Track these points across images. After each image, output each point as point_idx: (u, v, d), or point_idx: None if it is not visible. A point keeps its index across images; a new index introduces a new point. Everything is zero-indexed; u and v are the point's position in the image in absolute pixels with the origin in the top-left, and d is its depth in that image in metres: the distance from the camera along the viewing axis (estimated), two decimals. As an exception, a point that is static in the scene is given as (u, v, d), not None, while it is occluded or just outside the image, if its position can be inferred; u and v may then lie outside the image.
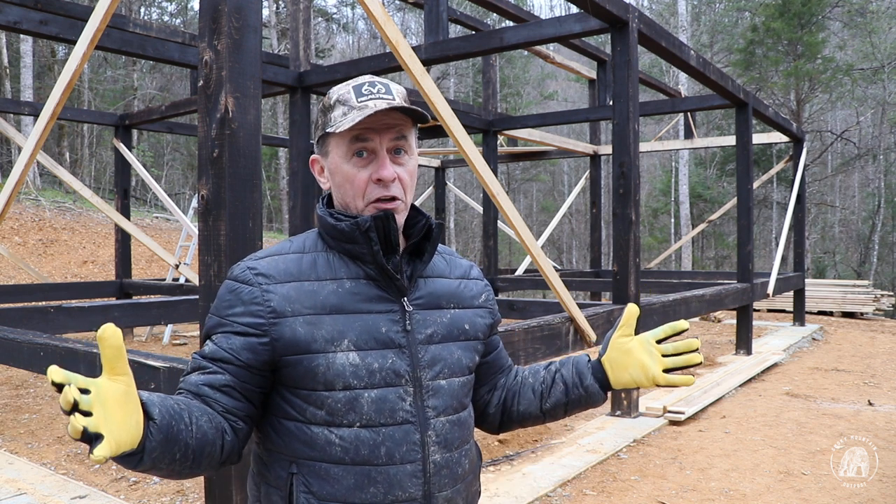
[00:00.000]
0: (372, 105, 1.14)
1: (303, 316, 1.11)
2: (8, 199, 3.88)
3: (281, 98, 22.27)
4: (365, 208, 1.17)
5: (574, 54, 17.22)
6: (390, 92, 1.17)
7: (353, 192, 1.17)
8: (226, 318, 1.13)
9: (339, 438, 1.10)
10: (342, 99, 1.17)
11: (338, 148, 1.18)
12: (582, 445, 4.47)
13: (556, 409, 1.34)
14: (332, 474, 1.10)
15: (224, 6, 2.40)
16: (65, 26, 5.58)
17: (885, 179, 24.48)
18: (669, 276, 12.52)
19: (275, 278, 1.13)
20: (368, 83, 1.18)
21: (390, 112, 1.15)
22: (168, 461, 0.96)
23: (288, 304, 1.11)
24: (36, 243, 13.59)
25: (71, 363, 3.29)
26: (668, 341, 1.26)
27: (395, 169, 1.17)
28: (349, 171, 1.17)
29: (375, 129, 1.15)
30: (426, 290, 1.22)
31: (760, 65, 22.01)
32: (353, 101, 1.15)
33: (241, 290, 1.13)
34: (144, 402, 0.92)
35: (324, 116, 1.19)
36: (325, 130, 1.19)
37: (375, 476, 1.10)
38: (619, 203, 5.11)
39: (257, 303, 1.11)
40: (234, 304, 1.13)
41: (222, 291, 1.16)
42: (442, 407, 1.17)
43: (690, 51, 5.98)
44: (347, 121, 1.13)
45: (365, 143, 1.16)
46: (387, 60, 6.11)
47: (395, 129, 1.17)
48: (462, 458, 1.20)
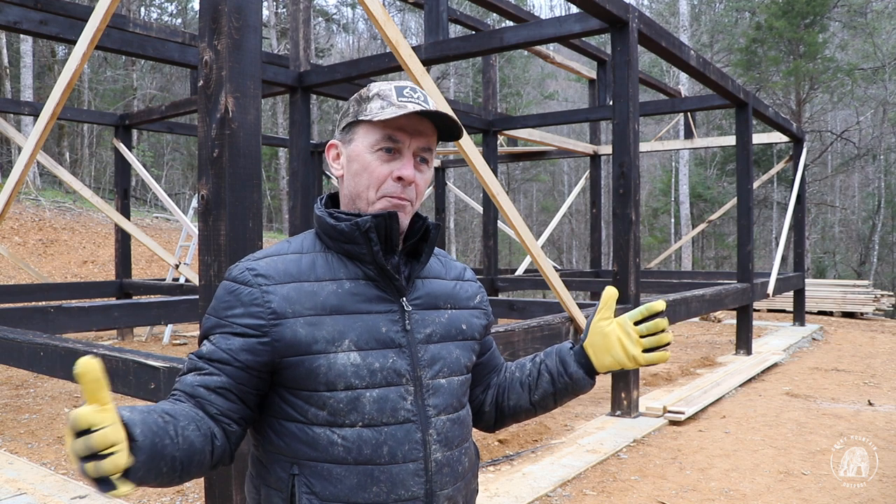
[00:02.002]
0: (412, 107, 1.15)
1: (303, 317, 1.11)
2: (8, 199, 3.88)
3: (281, 98, 22.28)
4: (377, 200, 1.18)
5: (574, 54, 17.23)
6: (427, 102, 1.20)
7: (369, 182, 1.18)
8: (224, 319, 1.12)
9: (341, 438, 1.10)
10: (383, 94, 1.18)
11: (366, 137, 1.19)
12: (582, 445, 4.47)
13: (546, 400, 1.34)
14: (334, 474, 1.10)
15: (224, 6, 2.40)
16: (65, 26, 5.59)
17: (885, 179, 24.49)
18: (669, 276, 12.53)
19: (274, 279, 1.13)
20: (411, 88, 1.20)
21: (424, 120, 1.18)
22: (154, 475, 0.96)
23: (288, 305, 1.11)
24: (36, 243, 13.59)
25: (71, 363, 3.29)
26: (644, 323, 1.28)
27: (415, 174, 1.19)
28: (371, 161, 1.18)
29: (408, 131, 1.18)
30: (424, 290, 1.23)
31: (761, 64, 22.01)
32: (394, 99, 1.17)
33: (240, 292, 1.13)
34: (126, 424, 0.91)
35: (357, 106, 1.21)
36: (357, 118, 1.20)
37: (378, 475, 1.10)
38: (619, 203, 5.11)
39: (257, 304, 1.11)
40: (233, 305, 1.12)
41: (220, 292, 1.16)
42: (442, 405, 1.18)
43: (690, 51, 5.98)
44: (387, 113, 1.15)
45: (395, 142, 1.17)
46: (387, 60, 6.11)
47: (426, 138, 1.20)
48: (462, 457, 1.21)
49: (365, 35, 35.13)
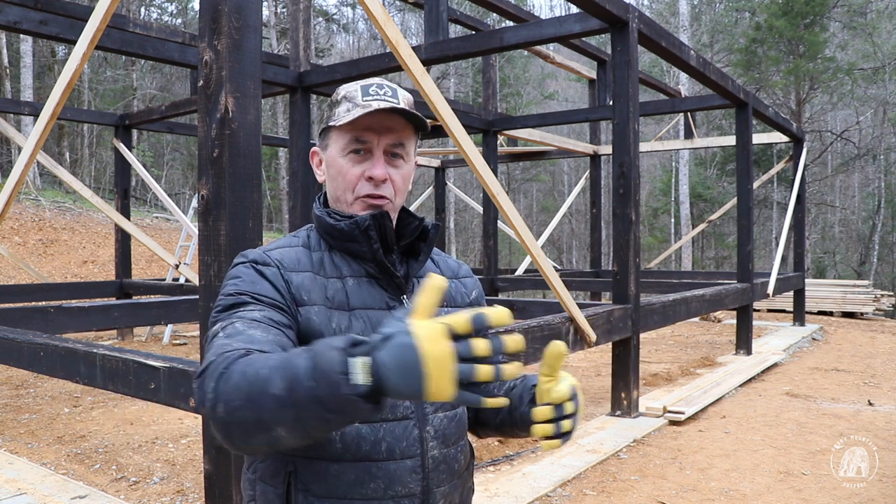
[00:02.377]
0: (375, 105, 1.16)
1: (317, 306, 1.13)
2: (8, 199, 3.88)
3: (281, 98, 22.26)
4: (354, 202, 1.20)
5: (574, 54, 17.22)
6: (396, 96, 1.19)
7: (344, 186, 1.20)
8: (248, 294, 1.09)
9: (339, 435, 1.10)
10: (349, 96, 1.19)
11: (337, 142, 1.20)
12: (582, 445, 4.47)
13: (505, 427, 1.28)
14: (330, 472, 1.10)
15: (224, 6, 2.40)
16: (65, 26, 5.59)
17: (885, 179, 24.49)
18: (669, 276, 12.53)
19: (289, 267, 1.15)
20: (377, 85, 1.20)
21: (392, 115, 1.18)
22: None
23: (304, 292, 1.13)
24: (36, 243, 13.60)
25: (71, 363, 3.30)
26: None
27: (389, 170, 1.20)
28: (343, 165, 1.20)
29: (375, 129, 1.18)
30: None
31: (761, 64, 22.01)
32: (359, 100, 1.18)
33: (264, 270, 1.13)
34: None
35: (329, 111, 1.23)
36: (327, 124, 1.22)
37: (375, 472, 1.11)
38: (619, 203, 5.11)
39: (281, 283, 1.12)
40: (257, 281, 1.11)
41: (241, 270, 1.13)
42: (439, 403, 1.18)
43: (690, 51, 5.98)
44: (351, 115, 1.16)
45: (363, 143, 1.19)
46: (387, 60, 6.11)
47: (395, 133, 1.20)
48: (458, 454, 1.22)
49: (365, 35, 35.13)
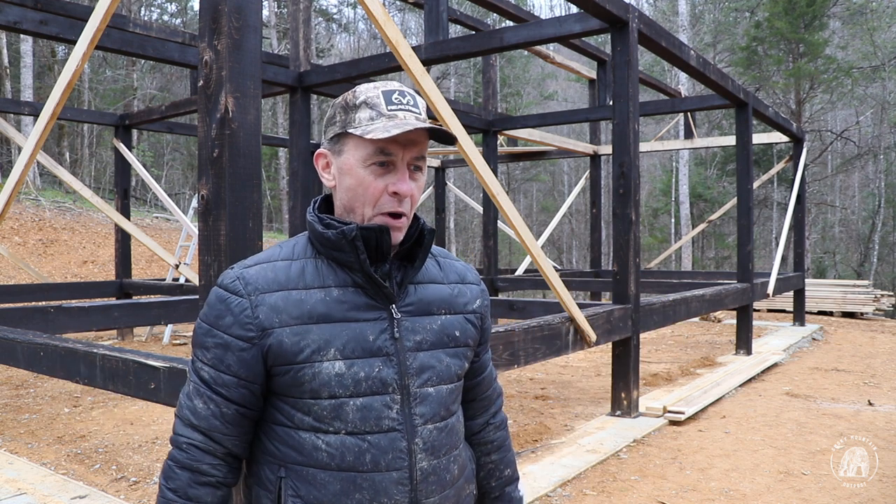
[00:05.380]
0: (402, 116, 1.13)
1: (289, 327, 1.12)
2: (8, 199, 3.88)
3: (281, 98, 22.28)
4: (373, 217, 1.16)
5: (574, 54, 17.23)
6: (417, 105, 1.17)
7: (365, 199, 1.16)
8: (216, 328, 1.14)
9: (325, 444, 1.11)
10: (370, 102, 1.15)
11: (357, 151, 1.15)
12: (582, 445, 4.47)
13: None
14: (318, 479, 1.11)
15: (224, 6, 2.40)
16: (65, 26, 5.58)
17: (885, 179, 24.49)
18: (669, 276, 12.53)
19: (262, 288, 1.13)
20: (398, 92, 1.16)
21: (418, 129, 1.14)
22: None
23: (275, 314, 1.12)
24: (36, 243, 13.60)
25: (71, 363, 3.30)
26: None
27: (411, 186, 1.17)
28: (365, 177, 1.15)
29: (401, 143, 1.14)
30: (416, 296, 1.21)
31: (761, 64, 22.01)
32: (383, 108, 1.14)
33: (231, 301, 1.13)
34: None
35: (345, 114, 1.17)
36: (345, 129, 1.16)
37: (361, 483, 1.11)
38: (619, 203, 5.11)
39: (247, 316, 1.12)
40: (223, 314, 1.14)
41: (212, 299, 1.16)
42: (430, 414, 1.17)
43: (690, 51, 5.98)
44: (379, 129, 1.12)
45: (388, 155, 1.14)
46: (387, 60, 6.11)
47: (419, 147, 1.16)
48: (450, 465, 1.20)
49: (365, 35, 35.13)
